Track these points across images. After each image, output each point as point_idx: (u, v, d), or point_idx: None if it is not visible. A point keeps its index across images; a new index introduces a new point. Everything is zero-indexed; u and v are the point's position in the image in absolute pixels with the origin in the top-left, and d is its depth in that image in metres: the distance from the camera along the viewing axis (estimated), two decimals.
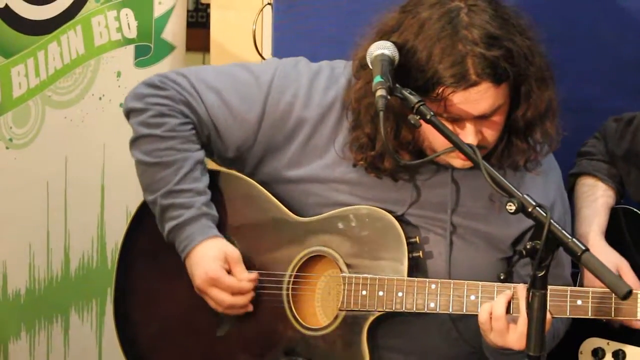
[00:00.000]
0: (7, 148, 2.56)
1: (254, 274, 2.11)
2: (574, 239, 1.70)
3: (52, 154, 2.70)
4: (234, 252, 2.11)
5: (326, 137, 2.12)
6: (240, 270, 2.11)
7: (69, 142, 2.73)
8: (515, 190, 1.74)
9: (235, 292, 2.10)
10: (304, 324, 2.09)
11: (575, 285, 2.17)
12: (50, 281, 2.76)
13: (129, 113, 2.18)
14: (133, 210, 2.33)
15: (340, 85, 2.09)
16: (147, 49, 2.88)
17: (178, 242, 2.12)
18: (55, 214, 2.74)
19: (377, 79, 1.82)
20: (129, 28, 2.82)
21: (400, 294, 2.00)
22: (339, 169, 2.10)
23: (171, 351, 2.23)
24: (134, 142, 2.16)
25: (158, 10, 2.88)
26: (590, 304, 1.95)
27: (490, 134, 1.97)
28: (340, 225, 2.08)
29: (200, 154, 2.15)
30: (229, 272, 2.11)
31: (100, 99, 2.80)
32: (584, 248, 1.69)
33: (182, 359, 2.23)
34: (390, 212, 2.04)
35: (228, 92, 2.13)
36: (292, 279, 2.12)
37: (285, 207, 2.14)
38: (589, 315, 1.97)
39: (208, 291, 2.09)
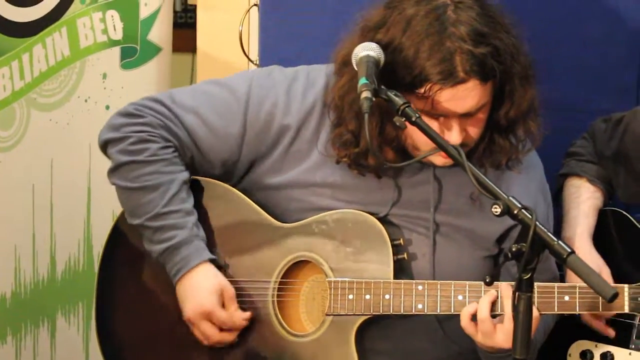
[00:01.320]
0: None
1: (247, 314, 2.11)
2: (559, 242, 1.70)
3: (37, 157, 2.71)
4: (230, 288, 2.11)
5: (308, 141, 2.12)
6: (235, 308, 2.11)
7: (55, 144, 2.75)
8: (501, 192, 1.73)
9: (225, 329, 2.10)
10: (290, 330, 2.08)
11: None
12: (36, 284, 2.77)
13: (106, 144, 2.16)
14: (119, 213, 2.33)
15: (318, 88, 2.09)
16: (133, 50, 2.89)
17: (171, 264, 2.11)
18: (41, 217, 2.75)
19: (362, 80, 1.82)
20: (115, 30, 2.84)
21: (387, 297, 2.00)
22: (320, 172, 2.10)
23: None
24: (114, 170, 2.15)
25: (144, 12, 2.89)
26: (577, 300, 1.96)
27: (474, 132, 1.98)
28: (324, 230, 2.08)
29: (185, 174, 2.15)
30: (222, 306, 2.11)
31: (86, 101, 2.81)
32: (569, 251, 1.69)
33: None
34: (373, 214, 2.05)
35: (206, 111, 2.12)
36: (277, 286, 2.12)
37: (267, 213, 2.13)
38: (577, 311, 1.98)
39: (198, 324, 2.09)
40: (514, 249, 1.70)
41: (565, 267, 1.76)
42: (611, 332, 2.14)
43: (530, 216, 1.69)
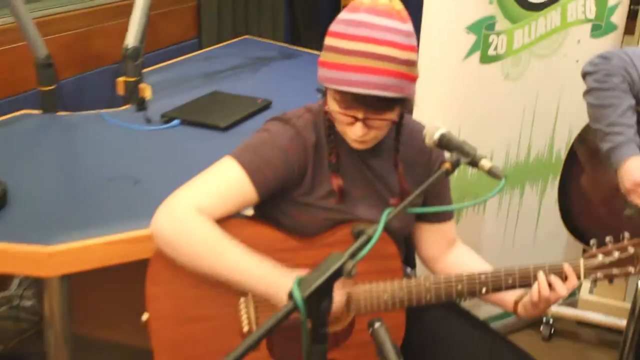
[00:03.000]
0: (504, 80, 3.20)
1: None
2: None
3: (530, 88, 3.35)
4: None
5: None
6: None
7: (541, 81, 3.36)
8: None
9: None
10: None
11: None
12: (517, 164, 3.48)
13: (585, 75, 2.72)
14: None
15: None
16: (599, 26, 3.42)
17: (614, 157, 2.61)
18: (528, 121, 3.41)
19: None
20: (590, 11, 3.37)
21: None
22: None
23: (593, 218, 2.91)
24: (587, 92, 2.70)
25: (611, 2, 3.40)
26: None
27: None
28: None
29: (632, 101, 2.61)
30: None
31: (565, 55, 3.42)
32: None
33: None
34: None
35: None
36: None
37: None
38: None
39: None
40: None
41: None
42: None
43: None
